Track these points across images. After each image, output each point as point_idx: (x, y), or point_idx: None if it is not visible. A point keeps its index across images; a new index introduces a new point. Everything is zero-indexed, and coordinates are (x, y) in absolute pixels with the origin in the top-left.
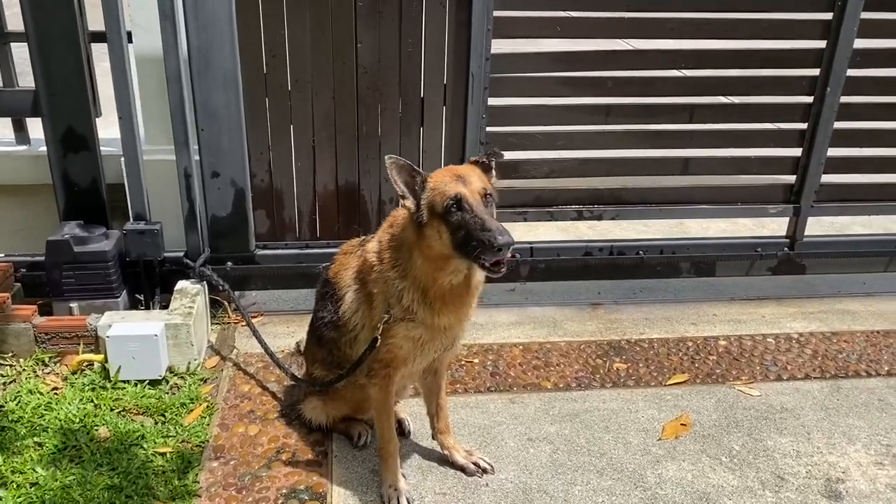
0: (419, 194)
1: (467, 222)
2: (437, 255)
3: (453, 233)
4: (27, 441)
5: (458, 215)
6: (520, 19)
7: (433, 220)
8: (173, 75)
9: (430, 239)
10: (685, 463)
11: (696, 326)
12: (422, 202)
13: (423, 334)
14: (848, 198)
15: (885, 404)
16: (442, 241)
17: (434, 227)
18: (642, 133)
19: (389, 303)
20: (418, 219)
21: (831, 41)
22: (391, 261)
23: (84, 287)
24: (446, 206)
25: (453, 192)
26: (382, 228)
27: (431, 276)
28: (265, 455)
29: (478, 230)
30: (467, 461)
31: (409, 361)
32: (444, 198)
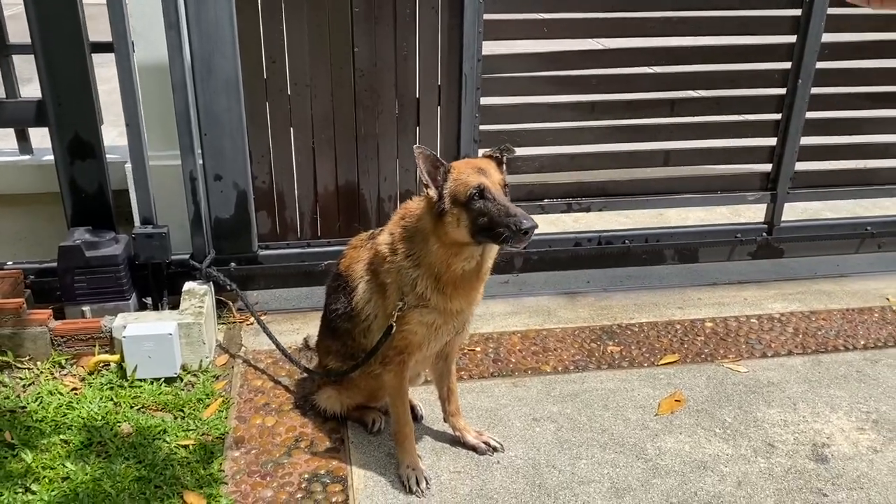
0: (441, 184)
1: (490, 210)
2: (453, 241)
3: (474, 220)
4: (53, 438)
5: (480, 203)
6: (508, 22)
7: (454, 208)
8: (178, 83)
9: (448, 226)
10: (682, 435)
11: (683, 310)
12: (444, 191)
13: (437, 319)
14: (821, 184)
15: (864, 375)
16: (460, 229)
17: (454, 214)
18: (626, 127)
19: (403, 291)
20: (440, 207)
21: (801, 36)
22: (405, 251)
23: (96, 291)
24: (469, 195)
25: (476, 182)
26: (393, 222)
27: (446, 262)
28: (284, 444)
29: (503, 216)
30: (478, 441)
31: (423, 346)
32: (468, 187)
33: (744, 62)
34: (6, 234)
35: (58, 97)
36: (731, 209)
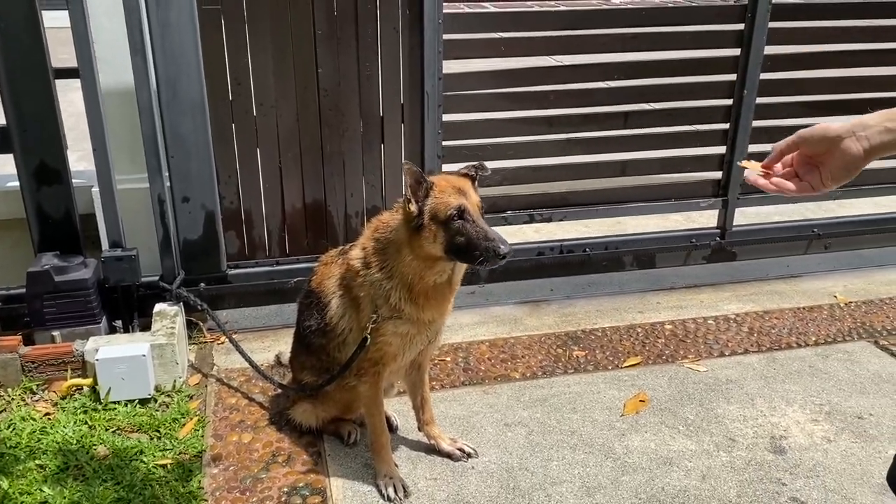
0: (422, 199)
1: (468, 231)
2: (428, 255)
3: (451, 239)
4: (29, 464)
5: (459, 223)
6: (467, 41)
7: (433, 224)
8: (145, 106)
9: (424, 241)
10: (647, 434)
11: (643, 314)
12: (424, 207)
13: (410, 329)
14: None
15: (816, 370)
16: (436, 245)
17: (432, 231)
18: (583, 140)
19: (377, 304)
20: (418, 222)
21: (745, 49)
22: (378, 263)
23: (66, 315)
24: (449, 215)
25: (456, 203)
26: (366, 236)
27: (419, 273)
28: (262, 459)
29: (481, 239)
30: (453, 448)
31: (397, 357)
32: (448, 207)
33: (693, 75)
34: None
35: (23, 124)
36: (685, 216)
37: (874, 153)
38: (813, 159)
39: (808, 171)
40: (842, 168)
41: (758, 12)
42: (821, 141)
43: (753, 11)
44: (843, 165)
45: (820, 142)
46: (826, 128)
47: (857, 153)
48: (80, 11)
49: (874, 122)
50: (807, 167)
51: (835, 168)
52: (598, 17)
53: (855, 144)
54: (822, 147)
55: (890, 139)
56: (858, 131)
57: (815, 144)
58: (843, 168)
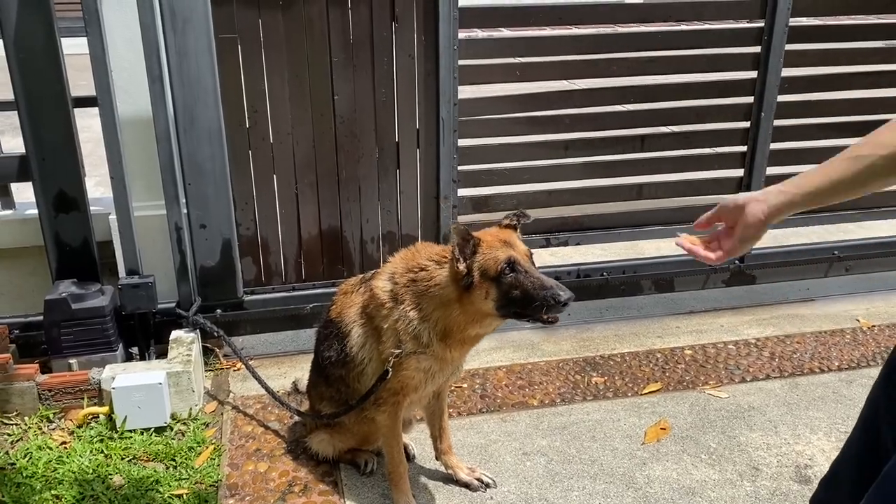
0: (469, 257)
1: (523, 283)
2: (479, 313)
3: (505, 294)
4: (45, 495)
5: (511, 277)
6: (482, 67)
7: (484, 282)
8: (163, 134)
9: (476, 299)
10: (669, 463)
11: (662, 339)
12: (473, 266)
13: (433, 365)
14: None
15: (840, 396)
16: (487, 302)
17: (483, 288)
18: (600, 163)
19: (401, 339)
20: (468, 281)
21: (762, 71)
22: (413, 304)
23: (82, 343)
24: (500, 270)
25: (506, 255)
26: (397, 269)
27: (464, 327)
28: (278, 489)
29: (538, 289)
30: (471, 478)
31: (418, 389)
32: (498, 262)
33: (710, 97)
34: None
35: (42, 152)
36: None
37: (773, 214)
38: (731, 230)
39: (725, 239)
40: (745, 228)
41: (774, 35)
42: (732, 210)
43: (770, 34)
44: (746, 226)
45: (732, 210)
46: (735, 197)
47: (757, 214)
48: (99, 40)
49: (773, 187)
50: (725, 236)
51: (740, 231)
52: (614, 41)
53: (757, 206)
54: (735, 215)
55: (784, 200)
56: (760, 197)
57: (729, 213)
58: (746, 228)
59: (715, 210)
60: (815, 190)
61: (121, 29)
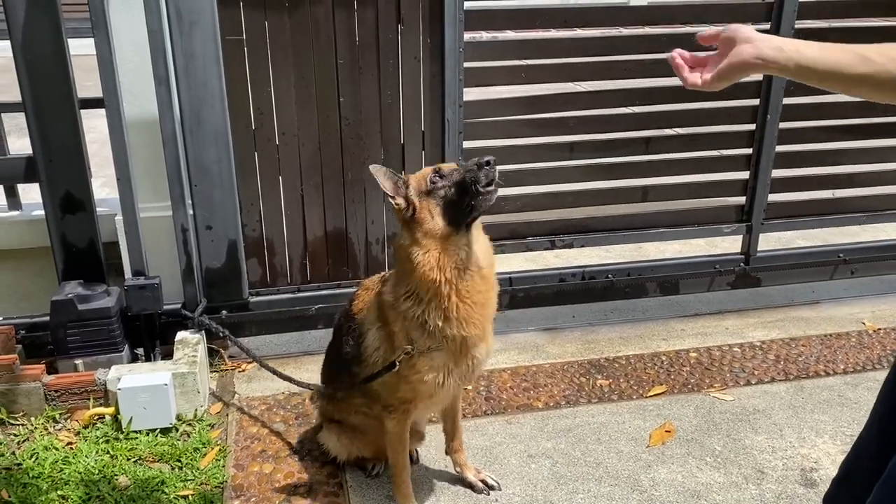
0: (404, 191)
1: (451, 178)
2: (433, 234)
3: (442, 200)
4: (51, 495)
5: (441, 182)
6: (488, 69)
7: (421, 203)
8: (169, 136)
9: (424, 223)
10: (674, 465)
11: (667, 341)
12: (409, 196)
13: (447, 361)
14: (793, 214)
15: (845, 399)
16: (435, 219)
17: (424, 208)
18: (605, 166)
19: (412, 336)
20: (409, 211)
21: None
22: (405, 293)
23: (88, 344)
24: (430, 181)
25: (430, 168)
26: (391, 273)
27: (438, 268)
28: (283, 490)
29: (464, 173)
30: (476, 479)
31: (433, 395)
32: (425, 175)
33: (715, 100)
34: None
35: (49, 154)
36: (708, 241)
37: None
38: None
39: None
40: (727, 67)
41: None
42: (727, 40)
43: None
44: (729, 66)
45: (726, 40)
46: (738, 27)
47: (745, 57)
48: (106, 42)
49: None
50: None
51: (723, 66)
52: (619, 44)
53: (747, 49)
54: (727, 46)
55: (775, 56)
56: (759, 43)
57: (724, 42)
58: (728, 67)
59: (718, 29)
60: (811, 66)
61: (127, 31)
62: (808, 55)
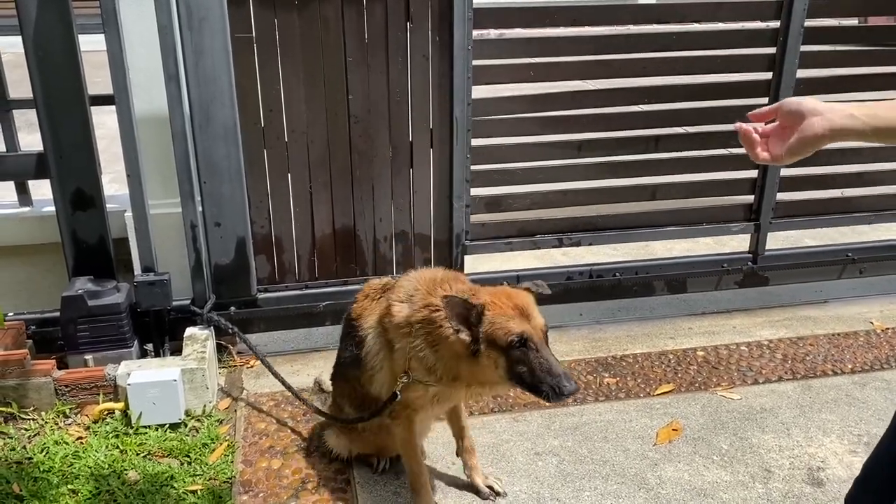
0: (475, 326)
1: (532, 363)
2: (488, 380)
3: (512, 366)
4: (62, 489)
5: (521, 352)
6: (497, 67)
7: (492, 351)
8: (178, 132)
9: (485, 367)
10: (681, 464)
11: (675, 340)
12: (480, 335)
13: (440, 394)
14: (802, 213)
15: (853, 399)
16: (497, 372)
17: (491, 357)
18: (613, 164)
19: (412, 366)
20: (474, 351)
21: (776, 72)
22: (426, 341)
23: (98, 339)
24: (510, 343)
25: (518, 329)
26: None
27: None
28: (291, 486)
29: (545, 374)
30: (482, 484)
31: (426, 409)
32: (509, 335)
33: (725, 98)
34: (6, 284)
35: (59, 150)
36: (716, 240)
37: (834, 136)
38: (783, 131)
39: (775, 141)
40: (799, 142)
41: (790, 36)
42: (791, 113)
43: (785, 35)
44: (801, 140)
45: (792, 113)
46: (800, 101)
47: (817, 130)
48: (117, 39)
49: (843, 106)
50: (776, 138)
51: (794, 141)
52: (628, 42)
53: (818, 122)
54: (794, 119)
55: (851, 124)
56: (826, 112)
57: (789, 115)
58: (800, 142)
59: (775, 106)
60: (887, 127)
61: (138, 27)
62: (884, 117)
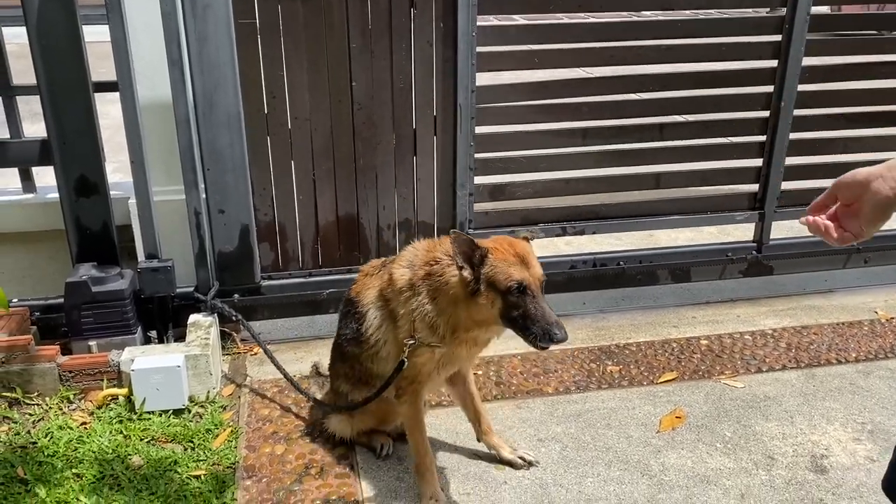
0: (477, 267)
1: (528, 308)
2: (482, 317)
3: (508, 309)
4: (66, 473)
5: (518, 297)
6: (501, 54)
7: (490, 292)
8: (182, 119)
9: (481, 306)
10: (684, 451)
11: (678, 329)
12: (481, 275)
13: (444, 357)
14: (807, 202)
15: (857, 387)
16: (493, 311)
17: (489, 298)
18: (617, 152)
19: (416, 327)
20: (474, 288)
21: (782, 60)
22: (429, 295)
23: (102, 325)
24: (508, 287)
25: (518, 277)
26: (418, 262)
27: (470, 328)
28: (295, 471)
29: (539, 319)
30: (513, 456)
31: (432, 377)
32: (508, 279)
33: (729, 86)
34: (10, 271)
35: (63, 137)
36: (720, 229)
37: None
38: (850, 208)
39: (848, 220)
40: (873, 210)
41: (795, 23)
42: (850, 186)
43: (791, 22)
44: (875, 207)
45: (851, 187)
46: (854, 173)
47: (886, 194)
48: (120, 24)
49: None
50: (846, 217)
51: (867, 212)
52: (633, 29)
53: (883, 186)
54: (854, 192)
55: None
56: (885, 173)
57: (848, 190)
58: (873, 210)
59: (829, 190)
60: None
61: (141, 13)
62: None
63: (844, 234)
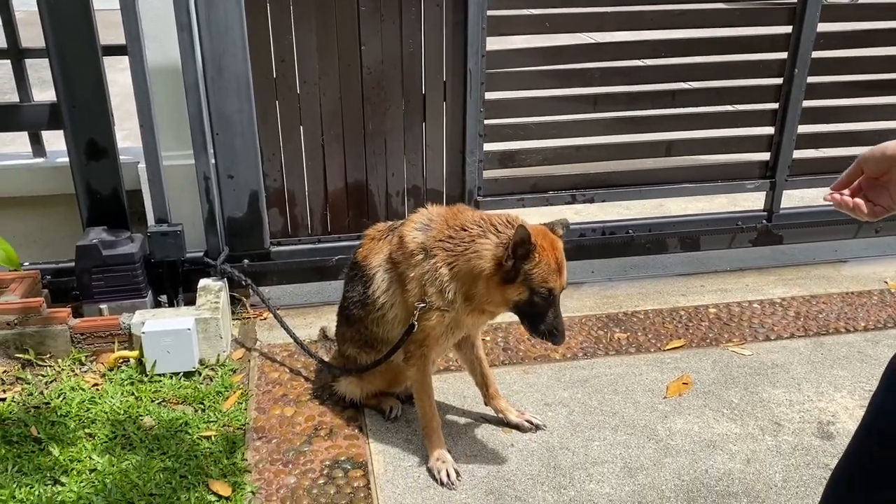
0: (519, 259)
1: (546, 312)
2: (501, 298)
3: (528, 304)
4: (79, 433)
5: (542, 300)
6: (512, 17)
7: (521, 286)
8: (191, 83)
9: (508, 291)
10: (691, 416)
11: (686, 297)
12: (522, 269)
13: (452, 321)
14: (818, 171)
15: (865, 356)
16: (512, 299)
17: (518, 289)
18: (628, 119)
19: (426, 290)
20: (510, 276)
21: (797, 26)
22: (446, 260)
23: (113, 289)
24: (540, 290)
25: (552, 285)
26: (435, 224)
27: (484, 302)
28: (304, 433)
29: (550, 323)
30: (521, 420)
31: (440, 341)
32: (544, 283)
33: (742, 52)
34: (21, 235)
35: (72, 101)
36: (730, 198)
37: None
38: (879, 181)
39: (877, 195)
40: None
41: None
42: (881, 160)
43: None
44: None
45: (880, 161)
46: (885, 146)
47: None
48: None
49: None
50: (875, 190)
51: None
52: None
53: None
54: (884, 166)
55: None
56: None
57: (877, 164)
58: None
59: (854, 164)
60: None
61: None
62: None
63: (875, 207)
